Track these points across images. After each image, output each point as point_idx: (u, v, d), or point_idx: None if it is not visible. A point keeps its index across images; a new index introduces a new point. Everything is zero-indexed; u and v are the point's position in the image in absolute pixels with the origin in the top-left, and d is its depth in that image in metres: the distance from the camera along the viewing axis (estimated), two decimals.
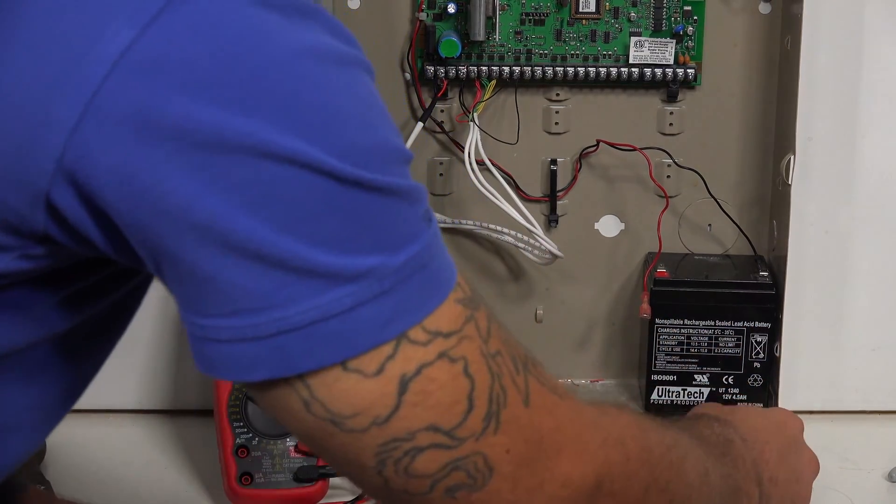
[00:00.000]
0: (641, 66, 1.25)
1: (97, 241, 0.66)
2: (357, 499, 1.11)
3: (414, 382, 0.67)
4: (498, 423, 0.70)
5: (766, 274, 1.25)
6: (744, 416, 0.97)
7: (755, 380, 1.25)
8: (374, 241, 0.66)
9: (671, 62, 1.25)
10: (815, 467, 1.02)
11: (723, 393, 1.25)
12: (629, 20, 1.25)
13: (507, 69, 1.25)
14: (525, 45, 1.26)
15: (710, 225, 1.30)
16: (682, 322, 1.24)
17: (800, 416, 1.33)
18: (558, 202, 1.29)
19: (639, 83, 1.27)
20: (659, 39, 1.25)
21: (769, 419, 1.00)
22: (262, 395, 0.68)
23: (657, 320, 1.24)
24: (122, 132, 0.63)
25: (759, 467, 0.93)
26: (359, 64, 0.68)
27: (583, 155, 1.29)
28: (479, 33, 1.22)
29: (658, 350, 1.25)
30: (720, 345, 1.25)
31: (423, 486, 0.69)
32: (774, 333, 1.24)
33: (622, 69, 1.25)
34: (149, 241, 0.65)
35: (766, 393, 1.25)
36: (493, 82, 1.25)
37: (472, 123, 1.24)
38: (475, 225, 1.28)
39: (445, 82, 1.25)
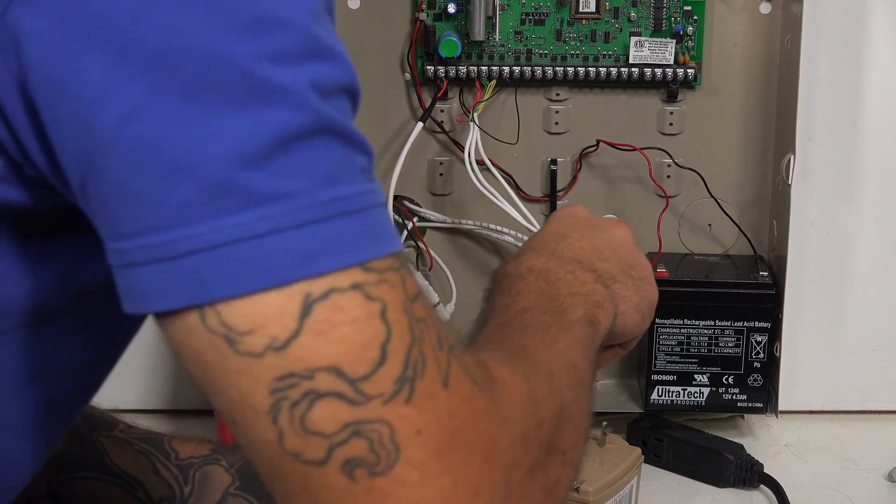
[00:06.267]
0: (641, 66, 1.25)
1: (32, 152, 0.63)
2: None
3: (320, 305, 0.61)
4: (411, 393, 0.62)
5: (766, 274, 1.25)
6: (561, 248, 0.90)
7: (755, 380, 1.25)
8: (299, 165, 0.61)
9: (671, 62, 1.25)
10: (644, 263, 0.94)
11: (723, 393, 1.25)
12: (629, 20, 1.25)
13: (507, 69, 1.25)
14: (525, 45, 1.26)
15: (710, 225, 1.30)
16: (682, 322, 1.24)
17: (800, 416, 1.34)
18: (558, 202, 1.29)
19: (639, 83, 1.27)
20: (659, 39, 1.25)
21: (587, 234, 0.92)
22: (172, 328, 0.63)
23: (657, 320, 1.24)
24: (48, 14, 0.61)
25: (595, 268, 0.88)
26: None
27: (583, 155, 1.29)
28: (479, 33, 1.22)
29: (658, 350, 1.25)
30: (720, 345, 1.25)
31: (320, 451, 0.61)
32: (774, 333, 1.24)
33: (622, 69, 1.25)
34: (66, 146, 0.62)
35: (766, 393, 1.25)
36: (493, 82, 1.25)
37: (472, 123, 1.24)
38: (475, 225, 1.28)
39: (445, 82, 1.25)
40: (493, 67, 1.25)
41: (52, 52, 0.61)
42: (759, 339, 1.24)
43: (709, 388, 1.26)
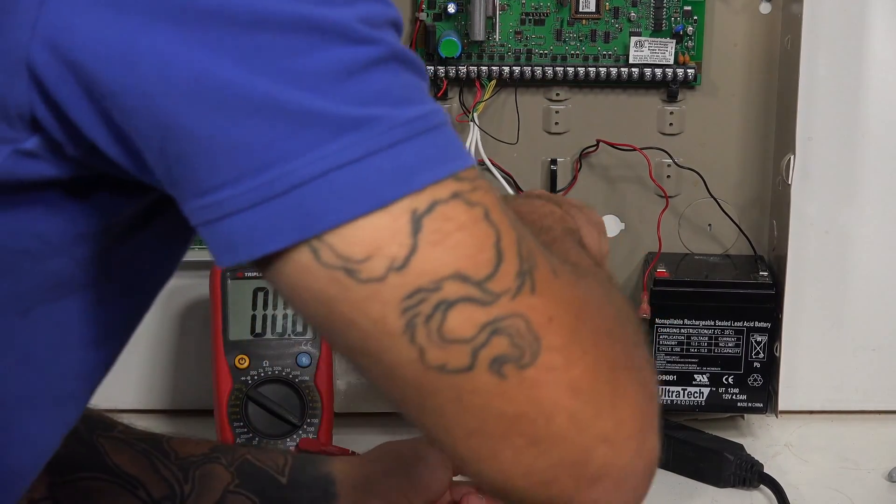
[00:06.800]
0: (641, 66, 1.25)
1: (86, 127, 0.64)
2: None
3: (428, 218, 0.63)
4: (533, 284, 0.64)
5: (766, 274, 1.25)
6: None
7: (755, 380, 1.25)
8: (375, 92, 0.63)
9: (671, 62, 1.25)
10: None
11: (723, 393, 1.25)
12: (629, 20, 1.25)
13: (507, 69, 1.25)
14: (525, 45, 1.26)
15: (710, 225, 1.30)
16: (682, 322, 1.24)
17: (800, 416, 1.34)
18: None
19: (639, 83, 1.27)
20: (659, 39, 1.25)
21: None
22: (284, 272, 0.63)
23: (657, 320, 1.24)
24: None
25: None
26: None
27: (583, 155, 1.29)
28: (479, 33, 1.22)
29: (658, 350, 1.25)
30: (720, 345, 1.25)
31: (465, 358, 0.63)
32: (774, 333, 1.24)
33: (622, 69, 1.25)
34: (137, 115, 0.62)
35: (766, 393, 1.25)
36: (493, 82, 1.25)
37: (472, 123, 1.24)
38: None
39: (445, 82, 1.25)
40: (493, 67, 1.25)
41: (106, 28, 0.62)
42: (759, 339, 1.24)
43: (709, 388, 1.26)
